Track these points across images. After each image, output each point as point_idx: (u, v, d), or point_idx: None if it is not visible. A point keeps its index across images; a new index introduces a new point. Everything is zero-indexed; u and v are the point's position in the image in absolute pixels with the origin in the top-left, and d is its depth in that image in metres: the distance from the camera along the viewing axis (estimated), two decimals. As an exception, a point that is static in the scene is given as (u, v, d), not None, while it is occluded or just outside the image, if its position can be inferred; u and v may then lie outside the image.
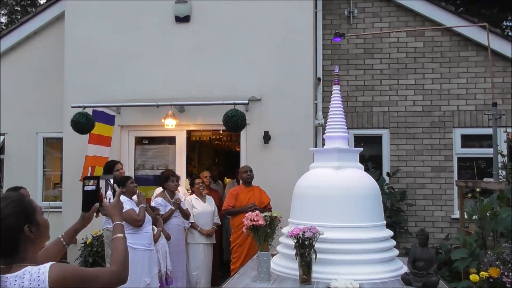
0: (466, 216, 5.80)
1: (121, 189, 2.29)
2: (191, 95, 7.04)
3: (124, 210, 4.97)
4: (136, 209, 5.18)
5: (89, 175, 6.59)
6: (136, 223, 5.06)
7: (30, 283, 1.67)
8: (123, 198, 5.06)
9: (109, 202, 2.24)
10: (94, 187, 2.22)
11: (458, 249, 5.50)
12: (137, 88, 7.23)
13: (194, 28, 7.20)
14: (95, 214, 2.25)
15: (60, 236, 2.21)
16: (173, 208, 6.08)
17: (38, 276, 1.69)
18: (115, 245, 2.05)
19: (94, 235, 6.82)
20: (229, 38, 7.13)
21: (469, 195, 5.88)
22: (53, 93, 7.92)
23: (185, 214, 6.28)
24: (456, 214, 7.13)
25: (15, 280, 1.69)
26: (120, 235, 2.09)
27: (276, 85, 6.96)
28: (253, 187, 6.26)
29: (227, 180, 8.99)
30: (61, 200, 7.61)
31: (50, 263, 1.75)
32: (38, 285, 1.67)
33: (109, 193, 2.26)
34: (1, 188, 8.11)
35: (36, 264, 1.77)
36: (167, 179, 6.16)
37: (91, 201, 2.22)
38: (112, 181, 2.28)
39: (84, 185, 2.23)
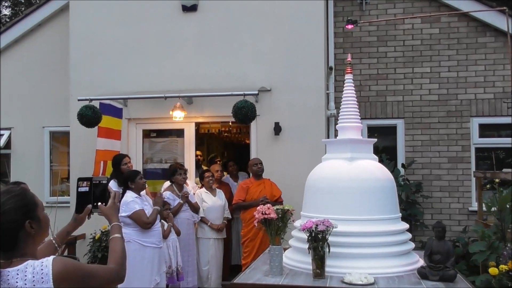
0: (484, 208, 5.78)
1: (115, 191, 2.33)
2: (199, 86, 7.05)
3: (134, 211, 5.01)
4: (146, 208, 5.18)
5: (101, 169, 6.66)
6: (145, 225, 5.07)
7: (34, 276, 1.72)
8: (132, 195, 5.11)
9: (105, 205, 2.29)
10: (87, 189, 2.27)
11: (476, 242, 5.47)
12: (144, 80, 7.25)
13: (201, 17, 7.19)
14: (87, 216, 2.30)
15: (51, 238, 2.25)
16: (181, 201, 6.11)
17: (42, 269, 1.73)
18: (113, 245, 2.11)
19: (103, 230, 6.88)
20: (237, 27, 7.11)
21: (488, 186, 5.85)
22: (59, 86, 7.97)
23: (194, 208, 6.31)
24: (474, 206, 7.09)
25: (17, 274, 1.72)
26: (117, 235, 2.15)
27: (287, 75, 6.94)
28: (264, 180, 6.28)
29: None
30: (68, 195, 7.69)
31: (52, 256, 1.79)
32: (42, 278, 1.71)
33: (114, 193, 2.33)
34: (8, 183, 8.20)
35: (36, 258, 1.80)
36: (174, 173, 6.18)
37: (84, 202, 2.26)
38: (112, 186, 2.33)
39: (78, 186, 2.27)
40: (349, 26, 6.87)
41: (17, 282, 1.71)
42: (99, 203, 2.26)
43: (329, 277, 3.73)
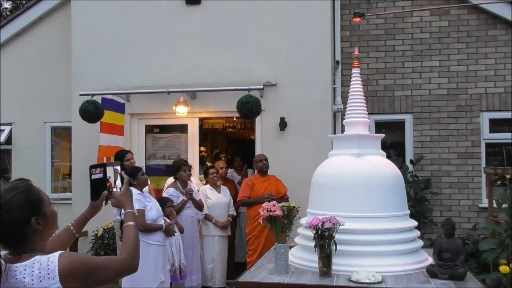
0: (495, 205, 5.75)
1: (129, 178, 2.30)
2: (203, 81, 7.04)
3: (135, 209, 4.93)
4: (148, 205, 5.16)
5: None
6: (139, 226, 4.99)
7: (40, 272, 1.73)
8: (135, 192, 5.09)
9: (119, 190, 2.26)
10: (101, 175, 2.25)
11: (486, 239, 5.45)
12: (146, 75, 7.24)
13: (205, 10, 7.17)
14: (104, 202, 2.28)
15: (70, 225, 2.26)
16: (185, 198, 6.11)
17: (48, 265, 1.74)
18: (126, 233, 2.08)
19: (105, 228, 6.90)
20: (242, 20, 7.08)
21: (498, 182, 5.83)
22: (60, 80, 7.98)
23: (198, 205, 6.30)
24: (484, 203, 7.06)
25: (25, 270, 1.74)
26: (131, 223, 2.11)
27: (292, 69, 6.91)
28: (269, 177, 6.27)
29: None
30: (70, 192, 7.70)
31: (59, 252, 1.80)
32: (48, 274, 1.73)
33: (118, 182, 2.30)
34: (9, 180, 8.22)
35: (44, 253, 1.82)
36: (178, 169, 6.18)
37: (99, 189, 2.25)
38: (119, 168, 2.30)
39: (90, 174, 2.26)
40: (356, 19, 6.84)
41: (24, 277, 1.73)
42: (113, 190, 2.25)
43: (335, 276, 3.72)
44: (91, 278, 1.81)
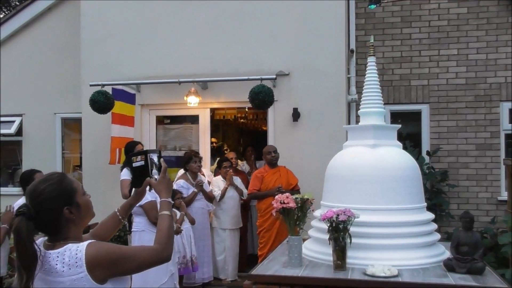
0: (514, 198, 5.69)
1: (166, 166, 2.32)
2: (214, 70, 7.02)
3: (146, 201, 4.92)
4: (158, 198, 5.17)
5: (117, 157, 6.70)
6: (154, 219, 4.88)
7: (70, 260, 1.85)
8: None
9: (155, 180, 2.31)
10: (142, 162, 2.33)
11: (505, 233, 5.40)
12: (157, 65, 7.24)
13: (216, -2, 7.14)
14: (148, 188, 2.35)
15: (116, 210, 2.38)
16: (195, 190, 6.13)
17: (76, 254, 1.85)
18: (160, 222, 2.13)
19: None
20: (254, 8, 7.04)
21: (518, 174, 5.75)
22: (70, 71, 8.02)
23: (209, 197, 6.32)
24: (504, 196, 6.99)
25: (57, 257, 1.87)
26: (166, 212, 2.16)
27: (306, 58, 6.87)
28: (279, 168, 6.24)
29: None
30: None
31: (89, 241, 1.90)
32: (76, 262, 1.84)
33: (155, 171, 2.35)
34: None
35: (79, 241, 1.94)
36: (189, 160, 6.19)
37: (141, 176, 2.33)
38: (155, 159, 2.33)
39: (132, 162, 2.35)
40: (372, 7, 6.78)
41: (56, 264, 1.85)
42: (150, 178, 2.30)
43: (350, 269, 3.71)
44: (118, 267, 1.90)
